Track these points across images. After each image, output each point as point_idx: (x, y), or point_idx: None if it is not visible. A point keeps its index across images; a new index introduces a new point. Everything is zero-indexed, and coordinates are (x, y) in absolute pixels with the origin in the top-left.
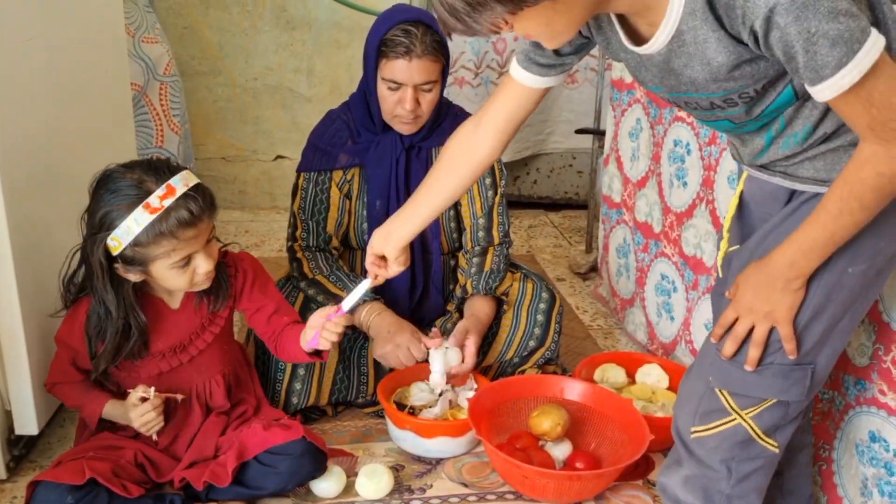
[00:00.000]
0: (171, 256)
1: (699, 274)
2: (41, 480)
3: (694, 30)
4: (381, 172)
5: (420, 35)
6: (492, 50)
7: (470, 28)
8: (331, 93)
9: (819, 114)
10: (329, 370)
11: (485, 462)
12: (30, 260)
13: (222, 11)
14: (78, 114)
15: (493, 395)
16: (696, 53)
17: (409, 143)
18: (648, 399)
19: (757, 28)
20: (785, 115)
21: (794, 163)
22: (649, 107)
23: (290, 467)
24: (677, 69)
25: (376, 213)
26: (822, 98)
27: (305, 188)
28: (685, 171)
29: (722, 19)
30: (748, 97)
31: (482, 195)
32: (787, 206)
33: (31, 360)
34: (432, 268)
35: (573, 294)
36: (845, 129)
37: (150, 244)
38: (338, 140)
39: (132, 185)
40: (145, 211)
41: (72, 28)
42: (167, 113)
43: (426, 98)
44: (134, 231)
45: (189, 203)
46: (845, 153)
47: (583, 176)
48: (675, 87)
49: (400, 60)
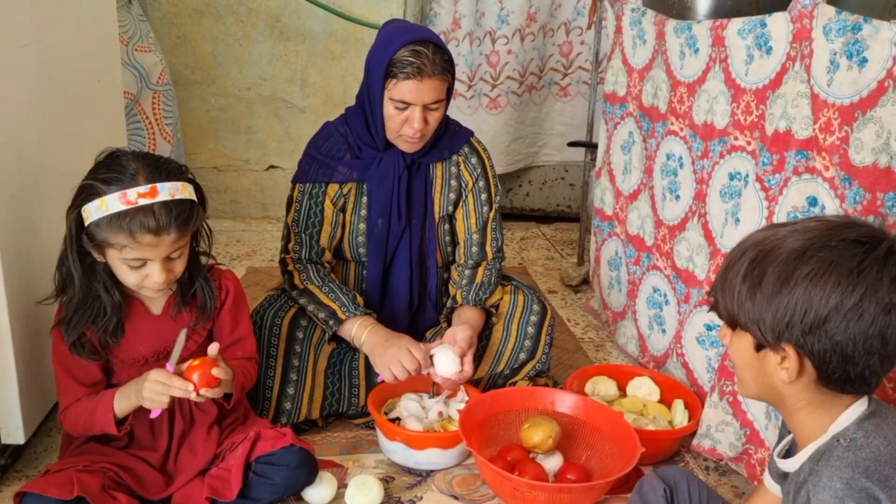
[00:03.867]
0: (123, 252)
1: (691, 287)
2: (27, 492)
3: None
4: (383, 191)
5: (430, 55)
6: (485, 63)
7: None
8: (324, 104)
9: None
10: (318, 386)
11: (475, 474)
12: (19, 267)
13: (216, 21)
14: (70, 121)
15: (484, 406)
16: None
17: (410, 161)
18: (639, 412)
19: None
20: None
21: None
22: (642, 120)
23: (287, 478)
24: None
25: (378, 232)
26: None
27: (300, 200)
28: (678, 184)
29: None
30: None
31: (477, 210)
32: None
33: (19, 368)
34: (428, 282)
35: (565, 306)
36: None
37: (108, 230)
38: (335, 153)
39: (127, 171)
40: (119, 199)
41: (65, 35)
42: (160, 121)
43: (433, 116)
44: (101, 211)
45: (161, 212)
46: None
47: (575, 189)
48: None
49: (411, 81)
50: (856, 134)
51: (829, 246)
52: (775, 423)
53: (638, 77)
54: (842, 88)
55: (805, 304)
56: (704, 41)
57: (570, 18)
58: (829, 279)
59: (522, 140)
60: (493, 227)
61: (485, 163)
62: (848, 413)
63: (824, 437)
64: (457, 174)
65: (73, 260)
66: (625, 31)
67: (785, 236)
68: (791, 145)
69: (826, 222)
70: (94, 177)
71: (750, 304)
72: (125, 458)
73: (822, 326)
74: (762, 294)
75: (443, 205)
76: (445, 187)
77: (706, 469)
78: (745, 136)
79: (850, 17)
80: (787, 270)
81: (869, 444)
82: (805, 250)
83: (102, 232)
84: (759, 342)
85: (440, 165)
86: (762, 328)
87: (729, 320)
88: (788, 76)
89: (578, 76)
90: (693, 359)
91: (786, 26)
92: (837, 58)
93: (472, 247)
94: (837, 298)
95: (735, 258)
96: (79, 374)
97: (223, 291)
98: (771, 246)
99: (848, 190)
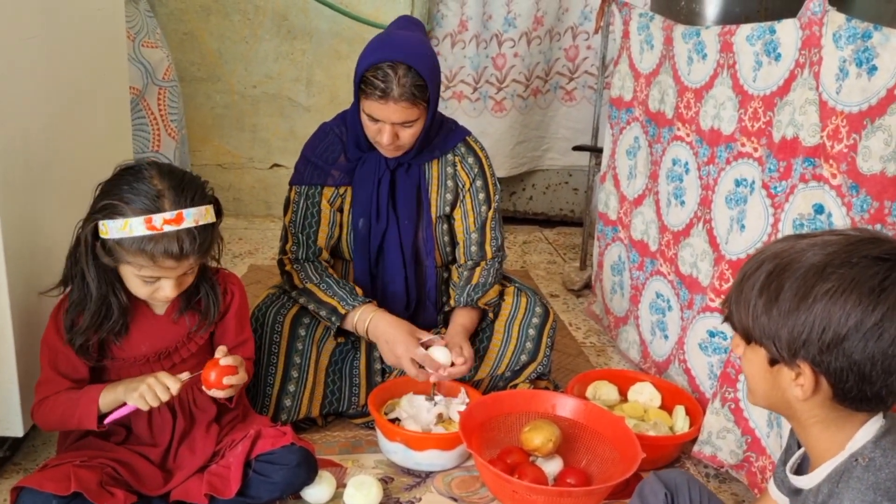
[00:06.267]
0: (141, 270)
1: (695, 293)
2: (25, 486)
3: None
4: (364, 192)
5: (399, 78)
6: (491, 65)
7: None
8: (330, 103)
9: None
10: (319, 384)
11: (475, 476)
12: (21, 260)
13: (223, 19)
14: (75, 115)
15: (484, 409)
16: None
17: (395, 164)
18: (640, 417)
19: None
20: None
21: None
22: (648, 125)
23: (286, 477)
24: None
25: (360, 233)
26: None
27: (297, 202)
28: (683, 189)
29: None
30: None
31: (475, 210)
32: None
33: (19, 361)
34: (426, 282)
35: (567, 311)
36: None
37: (128, 251)
38: (330, 156)
39: (151, 193)
40: (144, 224)
41: (72, 29)
42: (165, 118)
43: (406, 133)
44: (123, 232)
45: (185, 240)
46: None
47: (578, 193)
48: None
49: (376, 102)
50: (864, 142)
51: (849, 262)
52: (777, 431)
53: (645, 82)
54: (850, 96)
55: (823, 321)
56: (712, 47)
57: (577, 23)
58: (849, 297)
59: (527, 143)
60: (492, 227)
61: (482, 162)
62: (864, 431)
63: (841, 455)
64: (453, 174)
65: (90, 271)
66: (632, 36)
67: (804, 250)
68: (798, 152)
69: (846, 236)
70: (117, 195)
71: (766, 318)
72: (124, 453)
73: (840, 345)
74: (779, 309)
75: (439, 204)
76: (442, 187)
77: (706, 476)
78: (751, 143)
79: (861, 25)
80: (805, 286)
81: (888, 463)
82: (825, 266)
83: (122, 250)
84: (774, 357)
85: (435, 165)
86: (777, 344)
87: (743, 333)
88: (797, 83)
89: (584, 80)
90: (695, 365)
91: (795, 33)
92: (847, 65)
93: (472, 246)
94: (858, 317)
95: (751, 270)
96: (66, 370)
97: (228, 296)
98: (789, 259)
99: (855, 198)
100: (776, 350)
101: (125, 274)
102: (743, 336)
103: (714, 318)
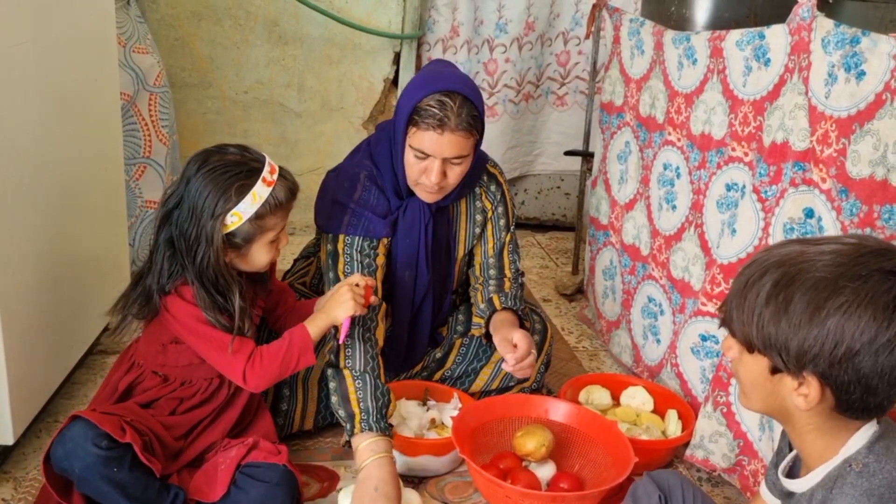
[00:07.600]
0: (275, 229)
1: (686, 297)
2: (80, 416)
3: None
4: (409, 243)
5: (456, 107)
6: (482, 71)
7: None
8: (321, 108)
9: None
10: (312, 400)
11: (468, 482)
12: (11, 266)
13: (214, 24)
14: (66, 120)
15: (477, 414)
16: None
17: (435, 208)
18: (633, 421)
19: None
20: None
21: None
22: (639, 130)
23: (262, 494)
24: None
25: (406, 285)
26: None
27: (348, 253)
28: (674, 194)
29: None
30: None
31: (496, 236)
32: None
33: (9, 368)
34: (444, 310)
35: (559, 315)
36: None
37: (268, 215)
38: (379, 208)
39: (247, 162)
40: (263, 184)
41: (63, 35)
42: (156, 123)
43: (454, 171)
44: (257, 203)
45: (287, 177)
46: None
47: (570, 198)
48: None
49: (431, 132)
50: (853, 146)
51: (861, 276)
52: (769, 434)
53: (635, 87)
54: (840, 101)
55: (836, 336)
56: (703, 52)
57: (568, 28)
58: (863, 313)
59: (518, 148)
60: (510, 250)
61: (503, 188)
62: (858, 436)
63: (834, 460)
64: (481, 208)
65: (225, 267)
66: (623, 41)
67: (812, 259)
68: (788, 157)
69: (857, 246)
70: (216, 186)
71: (773, 329)
72: (154, 424)
73: (851, 360)
74: (788, 321)
75: (468, 241)
76: (470, 222)
77: (699, 480)
78: (742, 147)
79: (849, 30)
80: (817, 299)
81: (882, 469)
82: (837, 279)
83: (261, 221)
84: (778, 367)
85: (463, 202)
86: (784, 356)
87: (744, 340)
88: (786, 88)
89: (575, 86)
90: (687, 369)
91: (784, 38)
92: (836, 70)
93: (489, 269)
94: (871, 334)
95: (755, 277)
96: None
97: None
98: (798, 269)
99: (845, 202)
100: (782, 361)
101: (256, 250)
102: (743, 343)
103: (706, 322)
